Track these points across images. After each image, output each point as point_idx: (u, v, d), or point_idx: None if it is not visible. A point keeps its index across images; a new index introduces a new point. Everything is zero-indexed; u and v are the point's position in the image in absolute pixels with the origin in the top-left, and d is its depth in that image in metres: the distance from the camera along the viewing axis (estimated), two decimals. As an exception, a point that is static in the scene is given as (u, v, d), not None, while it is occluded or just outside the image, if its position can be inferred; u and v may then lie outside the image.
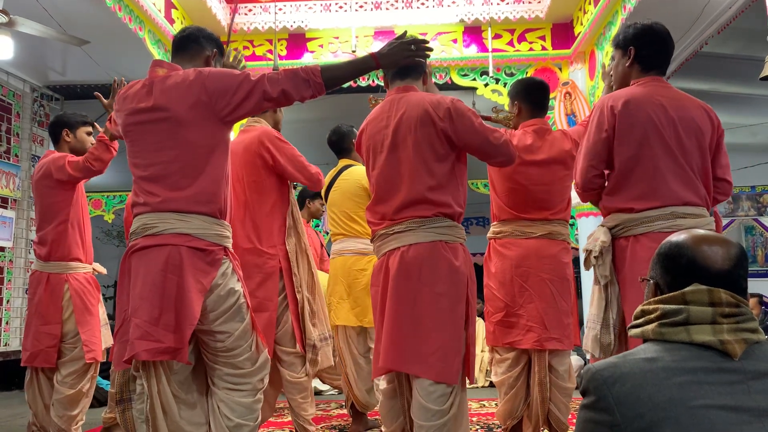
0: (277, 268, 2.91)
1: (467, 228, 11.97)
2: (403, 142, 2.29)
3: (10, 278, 6.22)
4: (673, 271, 1.24)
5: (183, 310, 1.98)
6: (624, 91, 2.29)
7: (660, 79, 2.32)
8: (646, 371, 1.12)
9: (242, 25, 5.77)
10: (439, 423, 2.14)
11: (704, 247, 1.22)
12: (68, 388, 3.16)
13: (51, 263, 3.22)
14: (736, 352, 1.13)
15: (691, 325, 1.16)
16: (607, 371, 1.16)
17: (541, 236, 2.79)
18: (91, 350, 3.20)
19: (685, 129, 2.21)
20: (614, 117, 2.22)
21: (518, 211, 2.83)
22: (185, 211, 2.04)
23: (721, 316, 1.16)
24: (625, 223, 2.22)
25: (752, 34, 5.44)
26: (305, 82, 2.08)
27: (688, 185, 2.20)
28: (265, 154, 2.92)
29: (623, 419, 1.10)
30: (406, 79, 2.42)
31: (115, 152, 3.19)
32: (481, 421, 3.89)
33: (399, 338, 2.20)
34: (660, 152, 2.19)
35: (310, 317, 2.96)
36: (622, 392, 1.12)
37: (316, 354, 2.95)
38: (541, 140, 2.84)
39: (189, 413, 2.08)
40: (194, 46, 2.24)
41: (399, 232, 2.27)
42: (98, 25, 4.98)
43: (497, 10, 5.66)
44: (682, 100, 2.27)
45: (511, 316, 2.77)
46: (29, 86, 6.51)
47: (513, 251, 2.80)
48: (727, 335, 1.14)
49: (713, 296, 1.16)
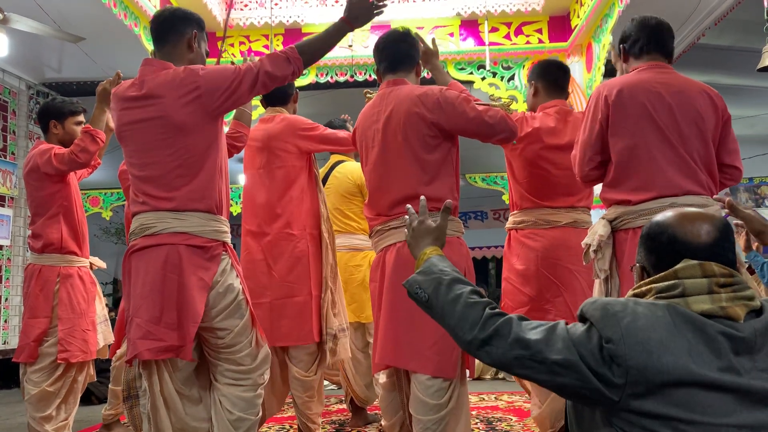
0: (306, 253, 2.89)
1: (465, 222, 11.97)
2: (394, 137, 2.28)
3: (8, 276, 6.21)
4: (657, 251, 1.22)
5: (185, 307, 1.99)
6: (619, 79, 2.24)
7: (661, 64, 2.25)
8: (658, 316, 1.10)
9: (238, 20, 5.75)
10: (437, 417, 2.13)
11: (685, 222, 1.20)
12: (32, 386, 3.03)
13: (44, 255, 3.14)
14: (739, 315, 1.11)
15: (688, 297, 1.14)
16: (617, 305, 1.13)
17: (567, 225, 2.67)
18: (66, 350, 3.05)
19: (684, 115, 2.14)
20: (607, 107, 2.18)
21: (541, 199, 2.70)
22: (182, 210, 2.04)
23: (717, 285, 1.14)
24: (623, 216, 2.18)
25: (749, 26, 5.43)
26: (285, 60, 2.10)
27: (688, 174, 2.13)
28: (293, 137, 2.94)
29: (629, 350, 1.08)
30: (398, 72, 2.41)
31: (102, 143, 3.07)
32: (480, 415, 3.90)
33: (396, 333, 2.20)
34: (656, 141, 2.14)
35: (332, 307, 2.95)
36: (633, 326, 1.09)
37: (335, 344, 2.94)
38: (564, 123, 2.71)
39: (193, 409, 2.11)
40: (172, 35, 2.18)
41: (395, 227, 2.27)
42: (94, 21, 4.95)
43: (494, 3, 5.64)
44: (681, 86, 2.19)
45: (537, 311, 2.63)
46: (25, 84, 6.49)
47: (538, 242, 2.67)
48: (726, 303, 1.12)
49: (705, 269, 1.15)
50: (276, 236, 2.88)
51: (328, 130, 3.05)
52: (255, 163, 2.99)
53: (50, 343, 3.08)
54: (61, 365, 3.10)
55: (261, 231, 2.91)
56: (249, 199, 3.00)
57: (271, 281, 2.86)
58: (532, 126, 2.71)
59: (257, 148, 2.98)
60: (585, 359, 1.11)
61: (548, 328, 1.17)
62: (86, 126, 3.08)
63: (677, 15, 5.14)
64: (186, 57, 2.17)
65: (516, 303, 2.71)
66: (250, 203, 2.99)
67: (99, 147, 3.07)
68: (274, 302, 2.84)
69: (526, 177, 2.74)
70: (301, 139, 2.95)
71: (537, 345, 1.15)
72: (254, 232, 2.94)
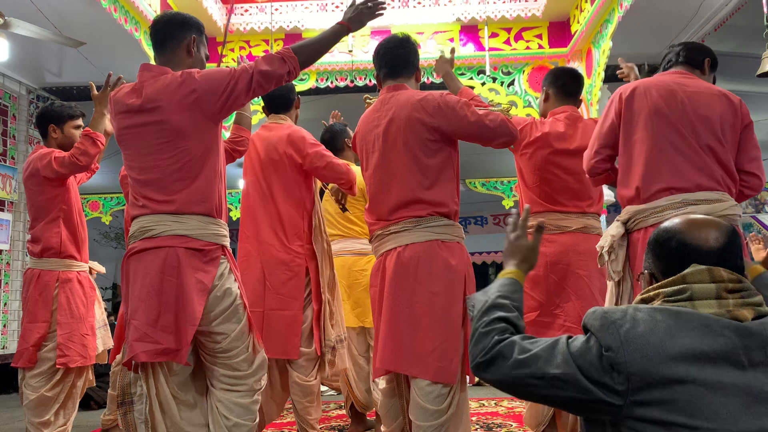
0: (303, 267, 2.88)
1: (465, 227, 11.97)
2: (394, 142, 2.28)
3: (8, 281, 6.20)
4: (666, 257, 1.22)
5: (183, 310, 1.99)
6: (637, 81, 2.28)
7: (683, 72, 2.29)
8: (658, 320, 1.10)
9: (238, 25, 5.76)
10: (437, 423, 2.13)
11: (693, 228, 1.21)
12: (31, 391, 3.03)
13: (43, 260, 3.13)
14: (746, 317, 1.11)
15: (696, 300, 1.13)
16: (617, 313, 1.14)
17: (577, 230, 2.68)
18: (65, 355, 3.04)
19: (697, 112, 2.15)
20: (621, 103, 2.22)
21: (551, 203, 2.71)
22: (181, 213, 2.04)
23: (725, 291, 1.13)
24: (636, 216, 2.17)
25: (749, 32, 5.44)
26: (280, 60, 2.10)
27: (700, 168, 2.12)
28: (295, 153, 2.88)
29: (629, 357, 1.08)
30: (398, 78, 2.41)
31: (102, 146, 3.08)
32: (480, 421, 3.89)
33: (396, 339, 2.20)
34: (668, 135, 2.14)
35: (329, 318, 2.95)
36: (632, 333, 1.10)
37: (334, 355, 2.94)
38: (573, 128, 2.73)
39: (189, 414, 2.09)
40: (170, 40, 2.18)
41: (395, 232, 2.27)
42: (94, 26, 4.96)
43: (494, 8, 5.65)
44: (698, 87, 2.21)
45: (547, 316, 2.65)
46: (25, 88, 6.49)
47: (547, 248, 2.65)
48: (733, 308, 1.12)
49: (714, 274, 1.14)
50: (275, 247, 2.86)
51: (336, 159, 2.95)
52: (255, 170, 2.97)
53: (49, 347, 3.07)
54: (60, 370, 3.09)
55: (261, 239, 2.89)
56: (248, 205, 2.98)
57: (265, 291, 2.85)
58: (541, 131, 2.73)
59: (258, 155, 2.96)
60: (585, 371, 1.11)
61: (549, 345, 1.17)
62: (86, 129, 3.08)
63: (677, 21, 5.15)
64: (185, 62, 2.17)
65: (526, 308, 2.69)
66: (249, 210, 2.97)
67: (99, 150, 3.07)
68: (267, 312, 2.83)
69: (536, 182, 2.74)
70: (299, 151, 2.89)
71: (537, 362, 1.15)
72: (254, 239, 2.92)
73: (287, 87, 3.07)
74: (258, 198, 2.94)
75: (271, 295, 2.84)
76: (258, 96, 2.21)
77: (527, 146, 2.75)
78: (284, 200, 2.90)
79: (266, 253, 2.87)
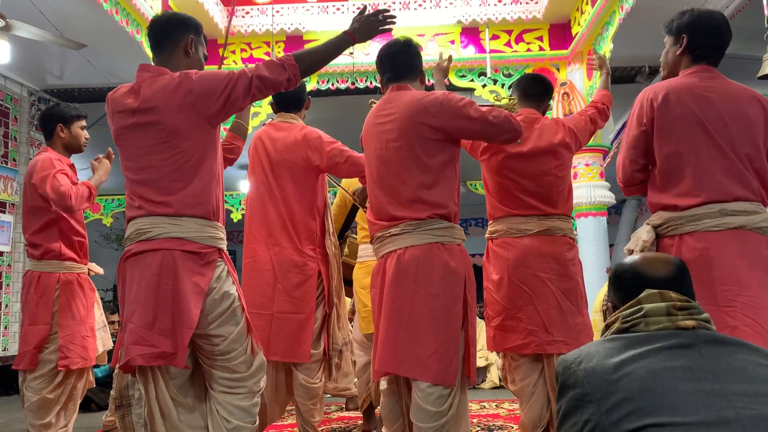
0: (316, 270, 2.86)
1: (466, 229, 11.96)
2: (396, 141, 2.28)
3: (9, 283, 6.21)
4: (623, 287, 1.41)
5: (180, 313, 1.97)
6: (666, 83, 2.22)
7: (710, 68, 2.23)
8: (608, 348, 1.26)
9: (240, 27, 5.77)
10: (438, 425, 2.13)
11: (646, 263, 1.41)
12: (32, 394, 3.02)
13: (43, 262, 3.12)
14: (689, 325, 1.27)
15: (649, 318, 1.30)
16: (572, 355, 1.31)
17: (538, 233, 2.65)
18: (66, 357, 3.03)
19: (734, 121, 2.12)
20: (653, 110, 2.17)
21: (511, 207, 2.70)
22: (178, 215, 2.03)
23: (674, 308, 1.30)
24: (670, 222, 2.15)
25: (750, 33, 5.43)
26: (280, 66, 2.10)
27: (738, 179, 2.10)
28: (313, 155, 2.85)
29: (592, 387, 1.22)
30: (402, 80, 2.42)
31: (92, 203, 3.15)
32: (481, 423, 3.88)
33: (396, 341, 2.19)
34: (705, 146, 2.11)
35: (336, 322, 2.94)
36: (588, 367, 1.25)
37: (341, 359, 2.93)
38: (529, 130, 2.69)
39: (188, 417, 2.08)
40: (168, 41, 2.17)
41: (395, 234, 2.26)
42: (95, 28, 4.97)
43: (495, 11, 5.66)
44: (731, 92, 2.17)
45: (510, 320, 2.64)
46: (27, 90, 6.50)
47: (509, 252, 2.67)
48: (681, 321, 1.28)
49: (664, 296, 1.32)
50: (288, 249, 2.83)
51: (355, 153, 2.88)
52: (265, 170, 2.91)
53: (50, 350, 3.07)
54: (61, 372, 3.08)
55: (272, 240, 2.85)
56: (256, 206, 2.93)
57: (275, 293, 2.81)
58: None
59: (268, 154, 2.91)
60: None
61: None
62: (89, 183, 3.09)
63: (678, 23, 5.14)
64: (183, 62, 2.17)
65: (494, 312, 2.73)
66: (257, 210, 2.91)
67: (90, 204, 3.12)
68: (276, 315, 2.79)
69: (495, 187, 2.75)
70: (322, 157, 2.85)
71: None
72: (264, 241, 2.87)
73: (300, 86, 3.03)
74: (268, 199, 2.89)
75: (281, 298, 2.81)
76: (257, 101, 2.21)
77: (484, 152, 2.75)
78: (297, 202, 2.86)
79: (278, 254, 2.83)
